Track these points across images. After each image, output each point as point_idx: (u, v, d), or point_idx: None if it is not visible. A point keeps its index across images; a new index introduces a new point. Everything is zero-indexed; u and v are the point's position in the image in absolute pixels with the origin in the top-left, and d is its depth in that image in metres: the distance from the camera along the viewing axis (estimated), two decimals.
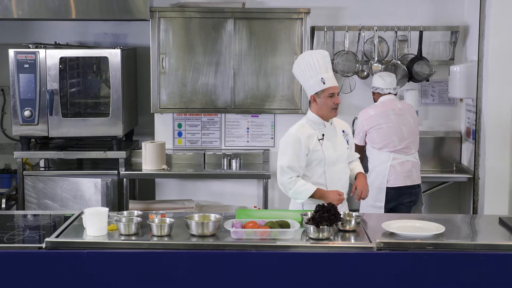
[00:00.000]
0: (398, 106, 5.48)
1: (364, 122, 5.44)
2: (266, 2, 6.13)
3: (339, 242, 3.58)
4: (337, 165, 4.30)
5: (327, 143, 4.26)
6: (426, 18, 6.11)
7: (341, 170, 4.33)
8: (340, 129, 4.38)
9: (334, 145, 4.29)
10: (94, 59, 6.13)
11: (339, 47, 6.08)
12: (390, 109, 5.44)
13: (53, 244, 3.50)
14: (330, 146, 4.27)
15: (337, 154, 4.29)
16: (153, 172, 5.73)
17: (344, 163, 4.35)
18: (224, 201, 6.10)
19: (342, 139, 4.35)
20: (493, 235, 3.83)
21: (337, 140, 4.32)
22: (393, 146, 5.38)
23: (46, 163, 6.04)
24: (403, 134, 5.39)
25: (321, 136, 4.25)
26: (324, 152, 4.24)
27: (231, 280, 3.42)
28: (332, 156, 4.26)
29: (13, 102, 5.69)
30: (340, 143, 4.33)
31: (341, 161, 4.32)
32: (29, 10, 5.64)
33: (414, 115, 5.55)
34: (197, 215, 3.74)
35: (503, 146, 5.53)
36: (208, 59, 5.86)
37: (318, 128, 4.26)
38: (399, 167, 5.37)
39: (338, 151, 4.30)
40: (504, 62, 5.47)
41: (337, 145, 4.31)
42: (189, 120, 6.24)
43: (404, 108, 5.49)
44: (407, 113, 5.47)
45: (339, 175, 4.32)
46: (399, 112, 5.43)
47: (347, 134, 4.40)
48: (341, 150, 4.31)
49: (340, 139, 4.34)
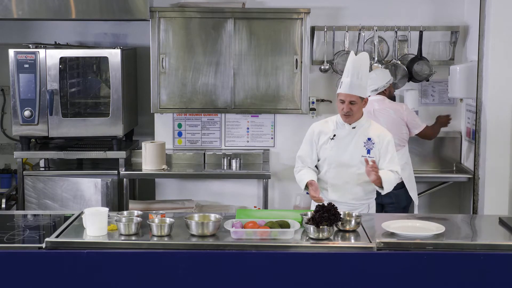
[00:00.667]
0: (374, 108, 5.39)
1: None
2: (266, 2, 6.13)
3: (339, 242, 3.58)
4: (345, 169, 4.27)
5: (337, 144, 4.27)
6: (426, 18, 6.11)
7: (350, 176, 4.27)
8: (366, 136, 4.27)
9: (345, 148, 4.26)
10: (94, 59, 6.13)
11: (339, 47, 6.08)
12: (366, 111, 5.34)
13: (53, 244, 3.50)
14: (339, 147, 4.26)
15: (346, 158, 4.25)
16: (153, 172, 5.73)
17: (354, 169, 4.26)
18: (224, 201, 6.10)
19: (361, 146, 4.26)
20: (493, 235, 3.83)
21: (351, 145, 4.27)
22: None
23: (46, 163, 6.04)
24: None
25: (332, 136, 4.28)
26: (330, 152, 4.27)
27: (231, 280, 3.42)
28: (337, 158, 4.26)
29: (13, 102, 5.69)
30: (354, 149, 4.26)
31: (350, 166, 4.26)
32: (29, 10, 5.64)
33: (391, 116, 5.37)
34: (197, 215, 3.74)
35: (503, 146, 5.53)
36: (208, 59, 5.86)
37: (337, 128, 4.31)
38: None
39: (348, 155, 4.26)
40: (504, 62, 5.47)
41: (349, 150, 4.26)
42: (189, 120, 6.24)
43: (380, 110, 5.39)
44: (381, 115, 5.37)
45: (346, 179, 4.28)
46: (373, 114, 5.35)
47: (374, 144, 4.26)
48: (352, 156, 4.25)
49: (357, 145, 4.26)
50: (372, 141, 4.27)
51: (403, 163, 5.29)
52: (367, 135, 4.28)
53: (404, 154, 5.44)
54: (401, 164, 5.22)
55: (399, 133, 5.37)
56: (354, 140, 4.28)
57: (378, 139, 4.28)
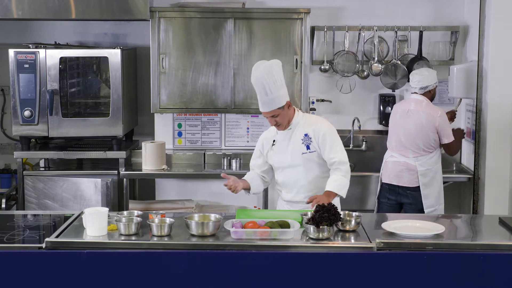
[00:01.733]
0: (410, 108, 5.38)
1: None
2: (266, 2, 6.13)
3: (339, 242, 3.58)
4: (291, 169, 4.32)
5: (278, 148, 4.35)
6: (426, 18, 6.11)
7: (297, 174, 4.32)
8: (302, 133, 4.30)
9: (286, 150, 4.32)
10: (94, 59, 6.13)
11: (339, 47, 6.08)
12: (401, 109, 5.46)
13: (53, 244, 3.50)
14: (281, 151, 4.34)
15: (290, 159, 4.31)
16: (153, 172, 5.73)
17: (300, 167, 4.30)
18: (224, 201, 6.10)
19: (299, 143, 4.28)
20: (493, 235, 3.83)
21: (290, 145, 4.32)
22: (390, 145, 5.48)
23: (46, 163, 6.04)
24: (399, 137, 5.38)
25: (273, 142, 4.38)
26: (274, 157, 4.37)
27: (231, 280, 3.42)
28: (281, 161, 4.33)
29: (13, 102, 5.69)
30: (294, 148, 4.30)
31: (295, 165, 4.30)
32: (29, 10, 5.64)
33: (420, 121, 5.33)
34: (197, 215, 3.74)
35: (503, 146, 5.53)
36: (208, 59, 5.86)
37: (276, 133, 4.38)
38: (391, 165, 5.43)
39: (290, 156, 4.31)
40: (504, 62, 5.47)
41: (290, 150, 4.31)
42: (189, 120, 6.24)
43: (414, 111, 5.36)
44: (412, 117, 5.35)
45: (294, 179, 4.33)
46: (406, 115, 5.38)
47: (311, 138, 4.28)
48: (294, 155, 4.29)
49: (295, 144, 4.30)
50: (308, 136, 4.29)
51: (424, 169, 5.33)
52: (303, 131, 4.31)
53: (430, 160, 5.37)
54: (422, 170, 5.30)
55: (425, 139, 5.34)
56: (292, 140, 4.32)
57: (314, 132, 4.29)
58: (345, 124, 6.08)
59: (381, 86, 6.13)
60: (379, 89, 6.22)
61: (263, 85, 4.20)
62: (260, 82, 4.20)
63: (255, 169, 4.50)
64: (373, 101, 6.26)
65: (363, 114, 6.23)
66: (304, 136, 4.30)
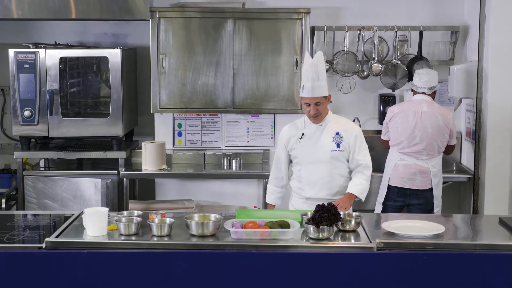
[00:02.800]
0: (423, 109, 5.33)
1: (387, 118, 5.49)
2: (266, 2, 6.13)
3: (339, 242, 3.58)
4: (317, 165, 4.38)
5: (306, 142, 4.39)
6: (426, 18, 6.11)
7: (322, 171, 4.40)
8: (334, 131, 4.41)
9: (315, 145, 4.38)
10: (94, 59, 6.13)
11: (339, 47, 6.08)
12: (412, 111, 5.35)
13: (53, 244, 3.50)
14: (309, 145, 4.38)
15: (318, 154, 4.37)
16: (153, 172, 5.73)
17: (327, 164, 4.39)
18: (224, 201, 6.10)
19: (330, 140, 4.38)
20: (493, 235, 3.83)
21: (320, 141, 4.39)
22: (402, 148, 5.36)
23: (46, 163, 6.04)
24: (415, 138, 5.31)
25: (301, 135, 4.42)
26: (300, 151, 4.41)
27: (231, 280, 3.42)
28: (309, 155, 4.37)
29: (13, 102, 5.69)
30: (323, 144, 4.39)
31: (322, 162, 4.38)
32: (29, 10, 5.64)
33: (437, 122, 5.32)
34: (197, 215, 3.74)
35: (503, 146, 5.53)
36: (208, 59, 5.86)
37: (305, 127, 4.45)
38: (402, 169, 5.35)
39: (319, 151, 4.37)
40: (504, 62, 5.47)
41: (319, 146, 4.39)
42: (189, 120, 6.24)
43: (428, 113, 5.32)
44: (428, 118, 5.31)
45: (319, 175, 4.40)
46: (420, 116, 5.33)
47: (342, 137, 4.41)
48: (323, 151, 4.38)
49: (325, 140, 4.39)
50: (340, 135, 4.41)
51: (436, 170, 5.36)
52: (334, 129, 4.42)
53: (439, 161, 5.42)
54: (434, 171, 5.32)
55: (441, 140, 5.35)
56: (323, 136, 4.40)
57: (346, 133, 4.43)
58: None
59: (381, 86, 6.13)
60: (379, 89, 6.21)
61: (317, 70, 4.32)
62: (315, 66, 4.34)
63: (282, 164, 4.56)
64: (373, 101, 6.26)
65: (363, 114, 6.23)
66: (336, 134, 4.40)
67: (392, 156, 5.46)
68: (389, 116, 5.48)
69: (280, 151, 4.60)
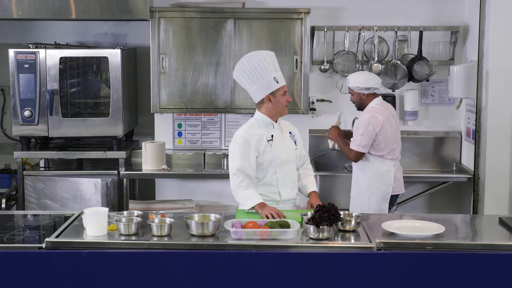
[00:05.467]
0: (392, 112, 5.24)
1: (376, 129, 5.03)
2: (266, 2, 6.13)
3: (339, 242, 3.58)
4: (287, 165, 4.31)
5: (276, 143, 4.27)
6: (426, 18, 6.11)
7: (292, 171, 4.35)
8: (287, 130, 4.38)
9: (282, 146, 4.30)
10: (94, 59, 6.13)
11: (339, 47, 6.08)
12: (391, 113, 5.20)
13: (53, 244, 3.50)
14: (279, 146, 4.28)
15: (286, 154, 4.31)
16: (153, 172, 5.73)
17: (293, 164, 4.36)
18: (224, 201, 6.10)
19: (290, 139, 4.36)
20: (493, 235, 3.83)
21: (284, 141, 4.33)
22: (394, 153, 5.16)
23: (46, 163, 6.04)
24: (398, 140, 5.22)
25: (270, 137, 4.26)
26: (274, 153, 4.25)
27: (231, 280, 3.42)
28: (281, 156, 4.27)
29: (13, 102, 5.69)
30: (288, 144, 4.34)
31: (290, 162, 4.33)
32: (29, 10, 5.64)
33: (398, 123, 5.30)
34: (197, 215, 3.74)
35: (503, 146, 5.53)
36: (208, 59, 5.86)
37: (267, 129, 4.27)
38: (398, 174, 5.19)
39: (286, 151, 4.31)
40: (504, 62, 5.46)
41: (286, 146, 4.32)
42: (189, 120, 6.24)
43: (394, 114, 5.25)
44: (397, 120, 5.28)
45: (290, 175, 4.34)
46: (395, 116, 5.26)
47: (294, 135, 4.39)
48: (289, 151, 4.33)
49: (287, 139, 4.35)
50: (292, 133, 4.40)
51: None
52: (287, 129, 4.40)
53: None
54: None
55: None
56: (284, 135, 4.35)
57: (294, 131, 4.43)
58: (345, 124, 6.06)
59: None
60: None
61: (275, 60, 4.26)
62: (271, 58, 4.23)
63: (250, 173, 4.19)
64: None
65: None
66: (289, 133, 4.38)
67: (386, 167, 5.13)
68: (378, 126, 5.04)
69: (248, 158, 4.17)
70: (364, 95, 5.16)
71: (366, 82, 5.11)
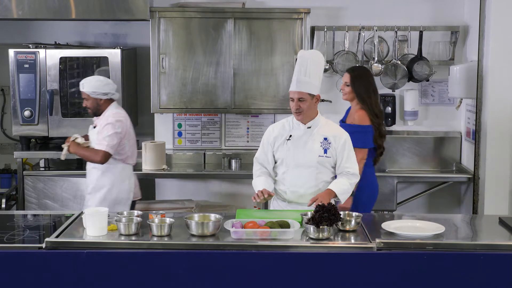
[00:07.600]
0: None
1: (122, 133, 4.98)
2: (266, 2, 6.13)
3: (339, 242, 3.58)
4: (302, 169, 4.20)
5: (294, 144, 4.22)
6: (426, 18, 6.11)
7: (307, 176, 4.21)
8: (322, 136, 4.22)
9: (303, 149, 4.21)
10: (94, 59, 6.13)
11: (339, 47, 6.08)
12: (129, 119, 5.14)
13: (53, 244, 3.50)
14: (297, 148, 4.21)
15: (303, 158, 4.19)
16: (153, 172, 5.73)
17: (312, 169, 4.20)
18: (224, 201, 6.10)
19: (318, 145, 4.20)
20: (493, 235, 3.83)
21: (308, 145, 4.21)
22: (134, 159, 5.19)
23: (46, 163, 6.04)
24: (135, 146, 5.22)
25: (289, 137, 4.23)
26: (287, 153, 4.22)
27: (231, 280, 3.42)
28: (296, 158, 4.19)
29: (13, 102, 5.69)
30: (311, 149, 4.20)
31: (308, 166, 4.20)
32: (29, 10, 5.64)
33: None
34: (197, 215, 3.74)
35: (503, 146, 5.53)
36: (208, 59, 5.86)
37: (292, 128, 4.26)
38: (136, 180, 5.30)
39: (305, 155, 4.20)
40: (504, 62, 5.46)
41: (307, 150, 4.20)
42: (189, 120, 6.24)
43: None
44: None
45: (304, 180, 4.21)
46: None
47: (330, 143, 4.20)
48: (310, 156, 4.20)
49: (313, 144, 4.21)
50: (328, 140, 4.22)
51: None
52: (323, 134, 4.23)
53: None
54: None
55: None
56: (310, 139, 4.22)
57: (334, 138, 4.23)
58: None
59: (381, 86, 6.11)
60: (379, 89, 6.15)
61: (307, 64, 4.15)
62: (305, 60, 4.16)
63: (265, 164, 4.29)
64: None
65: None
66: (324, 139, 4.22)
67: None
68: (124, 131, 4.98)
69: (265, 151, 4.31)
70: (101, 101, 5.00)
71: (104, 88, 4.98)
